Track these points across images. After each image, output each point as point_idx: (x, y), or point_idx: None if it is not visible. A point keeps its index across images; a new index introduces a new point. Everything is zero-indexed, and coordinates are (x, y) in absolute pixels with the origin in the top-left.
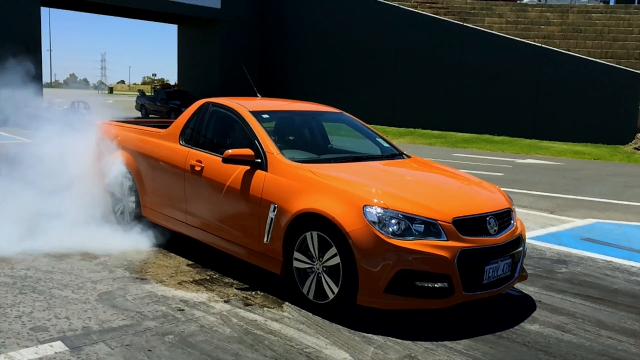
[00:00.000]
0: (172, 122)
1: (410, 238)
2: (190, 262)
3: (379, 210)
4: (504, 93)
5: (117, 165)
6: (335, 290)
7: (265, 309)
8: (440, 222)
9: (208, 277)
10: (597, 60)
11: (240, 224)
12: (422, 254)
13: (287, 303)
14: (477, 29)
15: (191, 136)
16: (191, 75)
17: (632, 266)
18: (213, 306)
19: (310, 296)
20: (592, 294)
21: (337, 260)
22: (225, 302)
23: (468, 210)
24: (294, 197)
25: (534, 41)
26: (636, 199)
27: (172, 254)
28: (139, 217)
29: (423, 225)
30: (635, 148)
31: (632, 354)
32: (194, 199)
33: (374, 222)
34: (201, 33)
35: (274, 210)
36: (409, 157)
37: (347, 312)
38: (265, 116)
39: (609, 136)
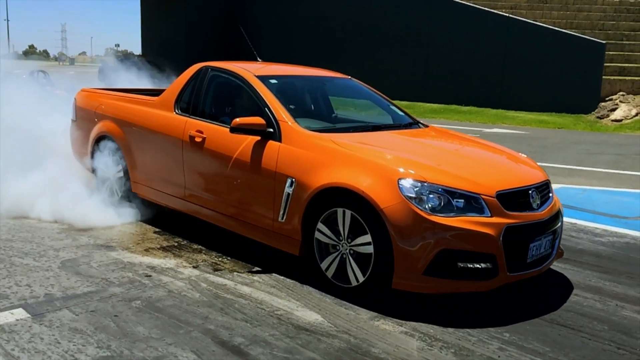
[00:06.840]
0: (161, 91)
1: (452, 214)
2: (157, 230)
3: (416, 183)
4: (471, 63)
5: (101, 137)
6: (361, 278)
7: (235, 273)
8: (483, 196)
9: (176, 244)
10: (563, 30)
11: (250, 200)
12: (465, 232)
13: (257, 267)
14: None
15: (188, 104)
16: (156, 46)
17: (596, 228)
18: (181, 272)
19: (329, 274)
20: None
21: (368, 244)
22: (194, 267)
23: (510, 183)
24: (315, 170)
25: (501, 11)
26: (599, 165)
27: (139, 222)
28: (128, 193)
29: (463, 200)
30: (598, 117)
31: (597, 309)
32: (193, 173)
33: (410, 197)
34: (166, 1)
35: (291, 185)
36: (426, 126)
37: (379, 297)
38: (273, 81)
39: (573, 105)
